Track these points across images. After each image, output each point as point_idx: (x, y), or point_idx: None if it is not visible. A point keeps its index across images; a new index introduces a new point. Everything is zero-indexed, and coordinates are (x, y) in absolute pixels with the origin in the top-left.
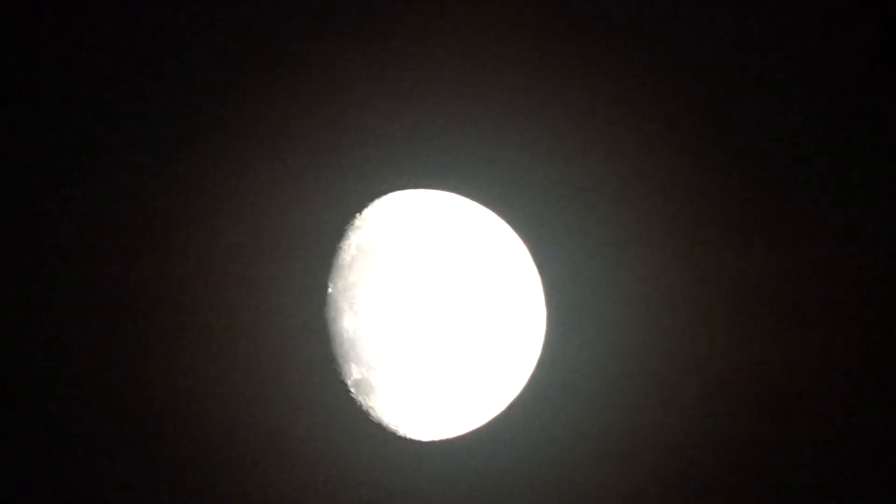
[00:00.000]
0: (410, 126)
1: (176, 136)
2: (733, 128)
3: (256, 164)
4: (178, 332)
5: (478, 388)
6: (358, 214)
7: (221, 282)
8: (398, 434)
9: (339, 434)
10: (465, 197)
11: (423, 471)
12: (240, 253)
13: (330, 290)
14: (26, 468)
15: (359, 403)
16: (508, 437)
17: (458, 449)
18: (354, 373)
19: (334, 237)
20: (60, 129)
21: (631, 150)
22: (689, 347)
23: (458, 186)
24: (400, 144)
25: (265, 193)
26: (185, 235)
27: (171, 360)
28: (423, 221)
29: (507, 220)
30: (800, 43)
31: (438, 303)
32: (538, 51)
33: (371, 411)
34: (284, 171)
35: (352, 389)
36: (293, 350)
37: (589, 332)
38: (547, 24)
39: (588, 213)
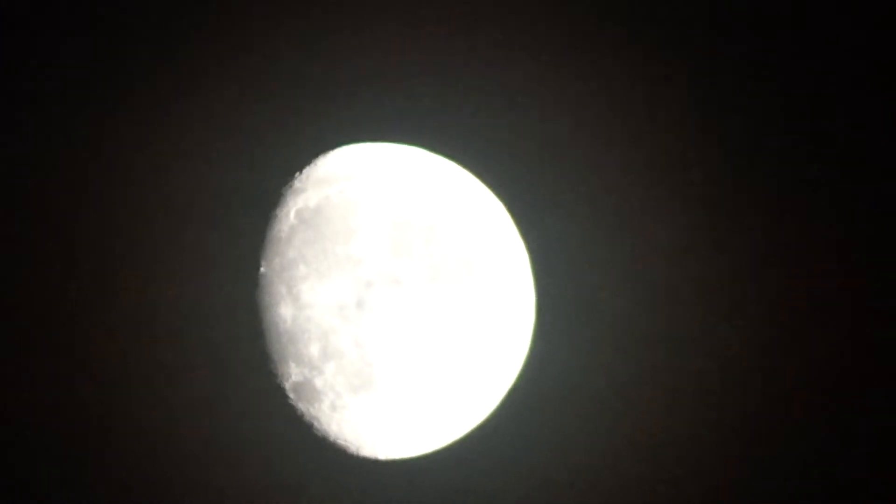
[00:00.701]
0: (365, 68)
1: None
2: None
3: (170, 108)
4: (68, 322)
5: (450, 393)
6: (297, 174)
7: (125, 259)
8: (348, 451)
9: (277, 451)
10: (433, 152)
11: (381, 496)
12: (149, 222)
13: (263, 269)
14: None
15: (299, 413)
16: (486, 454)
17: (424, 470)
18: (294, 374)
19: (268, 203)
20: None
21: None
22: (697, 339)
23: (423, 140)
24: (352, 89)
25: (180, 146)
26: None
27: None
28: (380, 183)
29: (485, 182)
30: None
31: (401, 285)
32: None
33: (315, 423)
34: (205, 119)
35: (290, 395)
36: (217, 347)
37: (584, 326)
38: None
39: (581, 178)
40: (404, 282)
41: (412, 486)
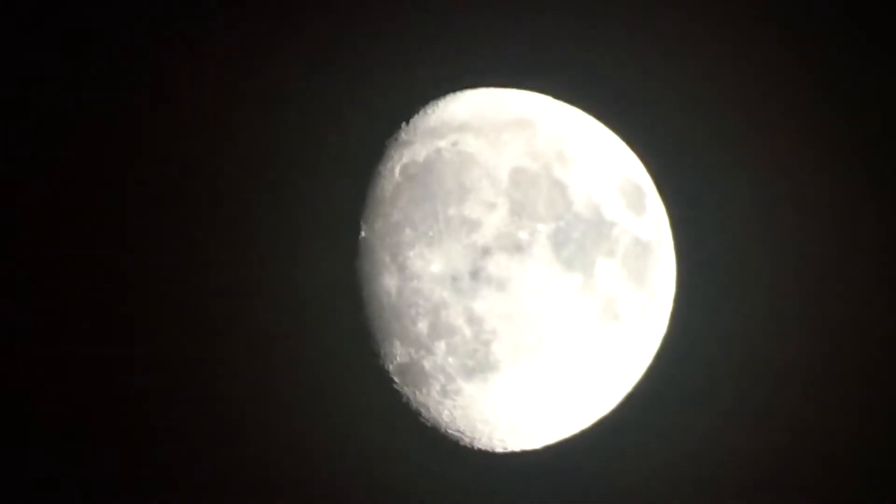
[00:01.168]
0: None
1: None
2: None
3: (257, 44)
4: (161, 297)
5: (577, 378)
6: (403, 124)
7: (205, 221)
8: (461, 443)
9: (379, 443)
10: (560, 99)
11: (498, 494)
12: (232, 179)
13: (364, 234)
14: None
15: (405, 399)
16: (615, 447)
17: (546, 464)
18: (399, 355)
19: (369, 157)
20: None
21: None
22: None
23: (549, 85)
24: (467, 26)
25: (267, 89)
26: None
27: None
28: (499, 134)
29: (620, 135)
30: None
31: (523, 252)
32: None
33: (423, 410)
34: (297, 58)
35: (395, 378)
36: (311, 323)
37: (730, 302)
38: None
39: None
40: (527, 248)
41: (532, 482)
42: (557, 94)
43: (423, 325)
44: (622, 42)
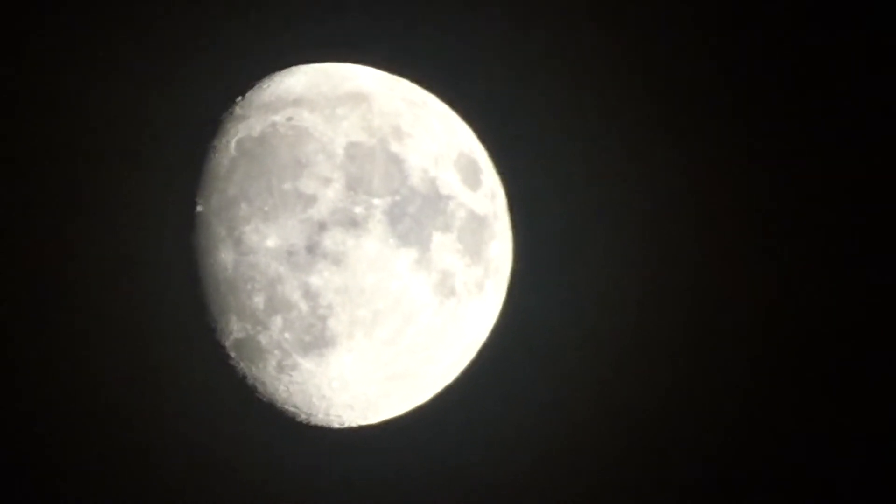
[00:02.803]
0: None
1: None
2: None
3: (94, 20)
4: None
5: (414, 352)
6: (239, 98)
7: (50, 194)
8: (298, 419)
9: (216, 418)
10: (394, 73)
11: (334, 470)
12: (69, 154)
13: (199, 208)
14: None
15: (241, 374)
16: (452, 422)
17: (384, 439)
18: (235, 330)
19: (204, 132)
20: None
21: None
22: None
23: (383, 59)
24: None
25: (99, 66)
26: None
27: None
28: (333, 108)
29: (454, 108)
30: None
31: (358, 227)
32: None
33: (259, 386)
34: (130, 33)
35: (231, 353)
36: (148, 297)
37: (566, 273)
38: None
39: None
40: (362, 223)
41: (368, 458)
42: (392, 69)
43: (259, 300)
44: (457, 15)
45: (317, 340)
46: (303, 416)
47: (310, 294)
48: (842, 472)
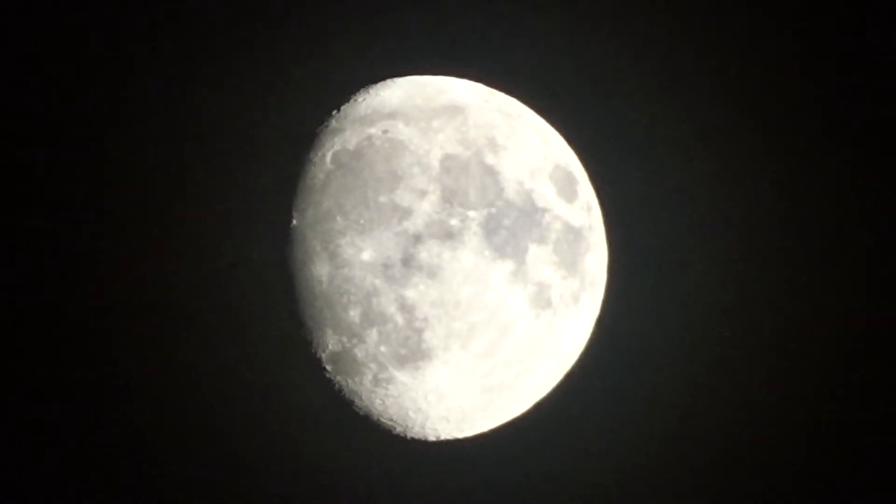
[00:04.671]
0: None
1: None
2: None
3: (186, 35)
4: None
5: (510, 365)
6: (334, 112)
7: (147, 208)
8: (394, 432)
9: (312, 431)
10: (492, 86)
11: (431, 483)
12: (162, 169)
13: (295, 222)
14: None
15: (338, 387)
16: (549, 434)
17: (480, 453)
18: (331, 343)
19: (300, 145)
20: None
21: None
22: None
23: (481, 72)
24: (398, 12)
25: (207, 85)
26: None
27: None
28: (429, 121)
29: (552, 122)
30: None
31: (454, 239)
32: None
33: (355, 399)
34: (225, 46)
35: (327, 367)
36: (243, 311)
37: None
38: None
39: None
40: (458, 236)
41: (465, 470)
42: (488, 81)
43: (354, 314)
44: (553, 28)
45: (413, 353)
46: (399, 429)
47: (406, 307)
48: None
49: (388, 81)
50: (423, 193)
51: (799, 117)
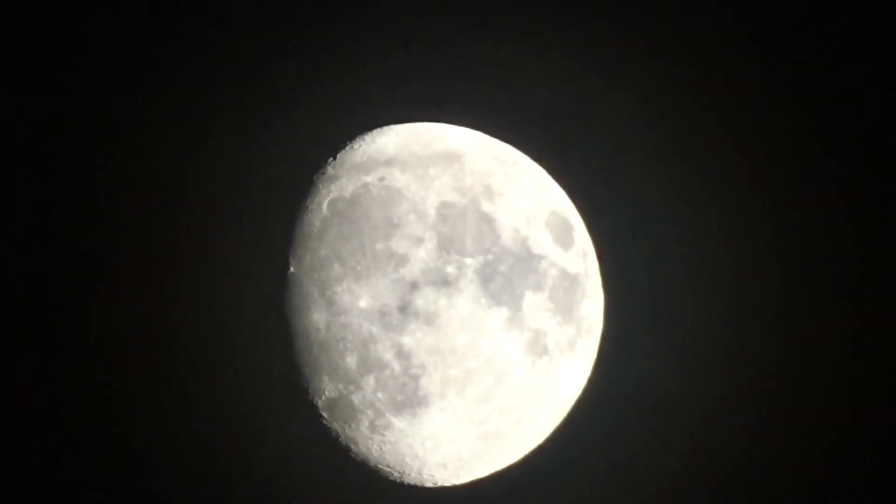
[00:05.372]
0: (409, 35)
1: None
2: None
3: (185, 85)
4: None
5: (507, 411)
6: (331, 159)
7: (135, 256)
8: (391, 478)
9: (309, 478)
10: (487, 133)
11: None
12: (161, 215)
13: (292, 269)
14: None
15: (334, 434)
16: (547, 480)
17: (477, 499)
18: (328, 389)
19: (297, 193)
20: None
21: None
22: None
23: (476, 119)
24: (392, 60)
25: (202, 132)
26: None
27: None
28: (425, 169)
29: (548, 169)
30: None
31: (450, 287)
32: None
33: (352, 445)
34: (224, 96)
35: (324, 413)
36: (240, 357)
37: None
38: None
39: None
40: (454, 283)
41: None
42: (484, 128)
43: (351, 360)
44: (548, 76)
45: (409, 400)
46: (396, 476)
47: (402, 354)
48: None
49: (385, 128)
50: (419, 241)
51: (801, 161)
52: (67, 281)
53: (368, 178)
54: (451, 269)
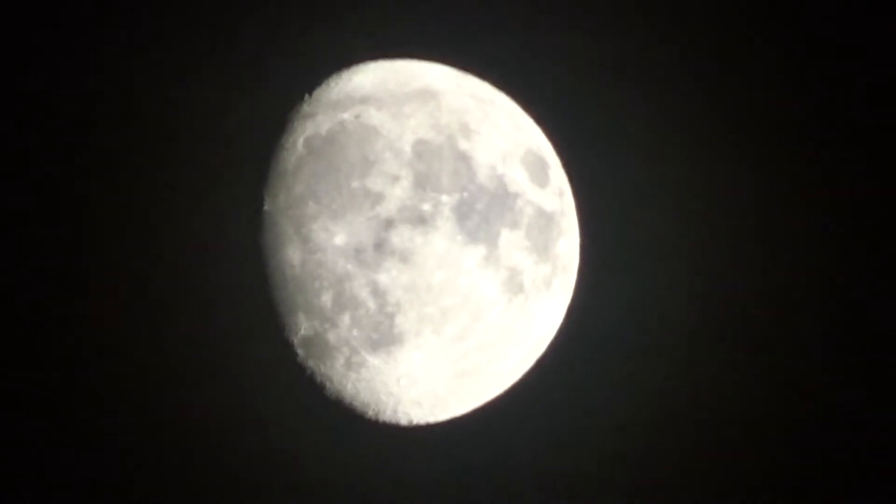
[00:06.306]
0: None
1: None
2: None
3: (168, 28)
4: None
5: (481, 350)
6: (306, 96)
7: (118, 194)
8: (366, 416)
9: (284, 415)
10: (464, 70)
11: (403, 468)
12: (133, 154)
13: (267, 207)
14: None
15: (309, 372)
16: (521, 419)
17: (452, 437)
18: (303, 327)
19: (272, 130)
20: None
21: None
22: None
23: (453, 55)
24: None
25: (177, 70)
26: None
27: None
28: (401, 106)
29: (525, 106)
30: None
31: (426, 224)
32: None
33: (327, 383)
34: (195, 31)
35: (299, 351)
36: (215, 296)
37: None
38: None
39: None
40: (430, 221)
41: (438, 455)
42: (460, 65)
43: (327, 298)
44: (525, 13)
45: (385, 338)
46: (371, 413)
47: (378, 292)
48: None
49: (361, 66)
50: (395, 178)
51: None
52: (42, 225)
53: (344, 116)
54: (427, 207)
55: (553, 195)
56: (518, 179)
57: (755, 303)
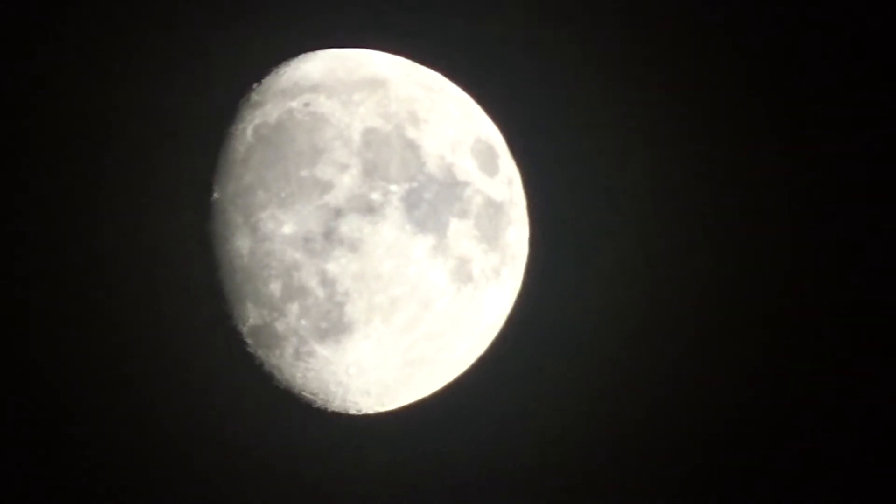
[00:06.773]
0: None
1: None
2: None
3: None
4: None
5: (430, 339)
6: (255, 85)
7: (64, 184)
8: (314, 405)
9: (232, 405)
10: (413, 60)
11: (352, 457)
12: (89, 145)
13: (216, 195)
14: None
15: (258, 361)
16: (470, 408)
17: (401, 426)
18: (252, 317)
19: (221, 119)
20: None
21: None
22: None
23: (402, 45)
24: None
25: (123, 58)
26: None
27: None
28: (351, 95)
29: (475, 96)
30: None
31: (375, 214)
32: None
33: (276, 373)
34: (145, 20)
35: (248, 340)
36: (163, 285)
37: (585, 261)
38: None
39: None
40: (379, 210)
41: (387, 444)
42: (409, 54)
43: (275, 287)
44: (474, 2)
45: (334, 327)
46: (319, 403)
47: (327, 281)
48: None
49: (310, 54)
50: (344, 167)
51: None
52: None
53: (293, 104)
54: (375, 196)
55: (502, 184)
56: (467, 168)
57: (705, 291)
